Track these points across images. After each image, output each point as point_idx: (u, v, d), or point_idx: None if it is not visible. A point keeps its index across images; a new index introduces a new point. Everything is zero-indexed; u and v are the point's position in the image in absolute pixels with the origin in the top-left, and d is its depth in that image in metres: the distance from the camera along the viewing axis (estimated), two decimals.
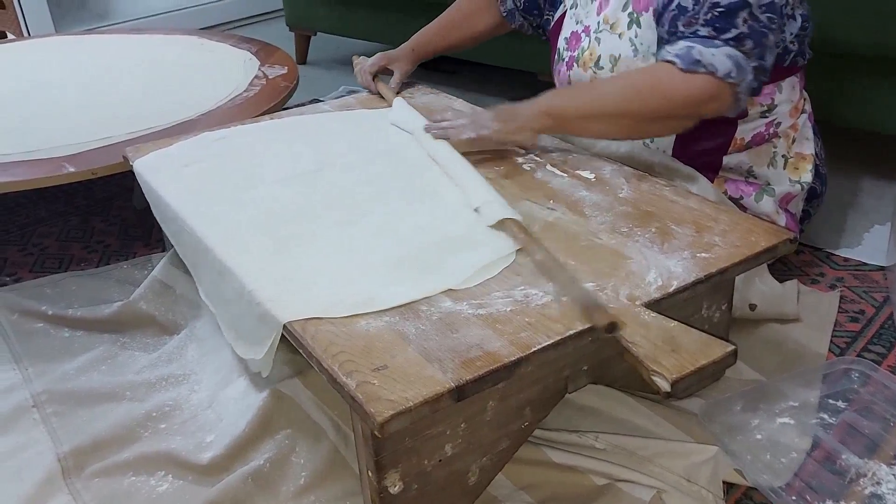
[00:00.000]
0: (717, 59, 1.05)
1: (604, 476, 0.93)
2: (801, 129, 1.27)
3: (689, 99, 1.07)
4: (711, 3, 1.07)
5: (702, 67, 1.05)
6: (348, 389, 0.75)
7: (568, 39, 1.32)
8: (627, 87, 1.12)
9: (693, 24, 1.08)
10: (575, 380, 0.93)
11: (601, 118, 1.14)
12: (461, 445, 0.84)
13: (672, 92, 1.07)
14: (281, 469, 0.97)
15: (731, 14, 1.06)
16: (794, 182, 1.24)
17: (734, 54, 1.06)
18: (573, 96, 1.18)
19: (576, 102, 1.15)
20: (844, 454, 0.95)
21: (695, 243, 0.97)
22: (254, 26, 3.18)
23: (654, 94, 1.09)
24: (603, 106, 1.13)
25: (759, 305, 1.16)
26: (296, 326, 0.85)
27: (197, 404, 1.10)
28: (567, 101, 1.16)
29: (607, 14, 1.23)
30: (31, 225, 1.66)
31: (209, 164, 1.24)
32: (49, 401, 1.11)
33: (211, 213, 1.09)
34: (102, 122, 1.58)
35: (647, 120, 1.12)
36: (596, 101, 1.14)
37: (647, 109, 1.11)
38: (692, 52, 1.06)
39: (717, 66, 1.05)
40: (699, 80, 1.06)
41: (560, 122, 1.15)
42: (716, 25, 1.07)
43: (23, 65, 2.04)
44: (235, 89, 1.72)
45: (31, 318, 1.30)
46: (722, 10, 1.06)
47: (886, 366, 1.13)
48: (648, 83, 1.10)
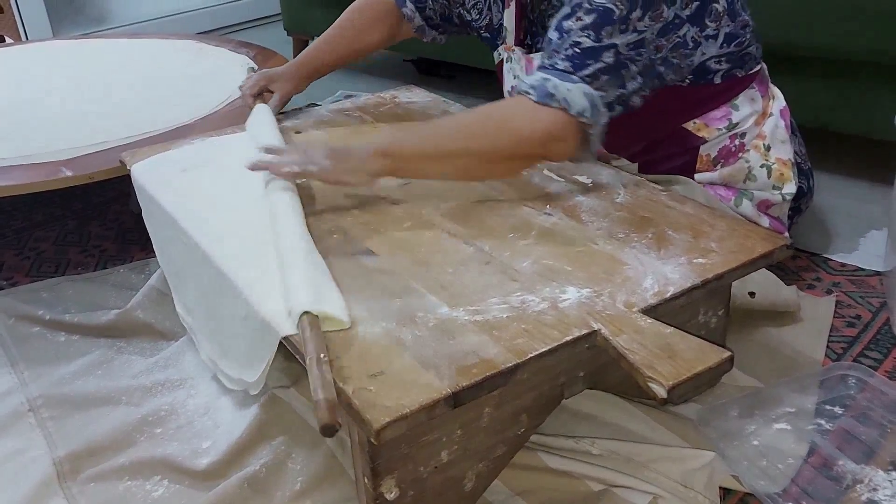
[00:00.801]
0: (573, 95, 1.00)
1: (600, 482, 0.93)
2: (772, 132, 1.22)
3: (535, 135, 1.02)
4: (573, 42, 1.02)
5: (555, 102, 1.00)
6: (344, 396, 0.75)
7: (510, 93, 1.30)
8: (472, 123, 1.06)
9: (553, 56, 1.04)
10: (571, 386, 0.93)
11: (441, 159, 1.05)
12: (457, 452, 0.84)
13: (519, 128, 1.02)
14: (277, 475, 0.97)
15: (592, 55, 1.02)
16: (776, 190, 1.23)
17: (590, 93, 1.01)
18: (412, 134, 1.11)
19: (413, 141, 1.07)
20: (841, 460, 0.95)
21: (691, 249, 0.97)
22: (252, 31, 3.18)
23: (500, 131, 1.03)
24: (443, 144, 1.05)
25: (758, 293, 1.16)
26: None
27: (193, 410, 1.10)
28: (404, 140, 1.08)
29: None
30: (28, 229, 1.65)
31: (208, 169, 1.23)
32: (45, 405, 1.11)
33: (207, 220, 1.08)
34: (100, 127, 1.58)
35: (490, 160, 1.05)
36: (437, 139, 1.06)
37: (490, 147, 1.04)
38: (547, 84, 1.01)
39: (571, 102, 1.00)
40: (550, 116, 1.01)
41: (398, 162, 1.04)
42: (574, 61, 1.02)
43: (21, 69, 2.04)
44: (233, 94, 1.71)
45: (28, 322, 1.30)
46: (584, 49, 1.02)
47: (883, 371, 1.13)
48: (495, 118, 1.04)
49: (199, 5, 3.12)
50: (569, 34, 1.03)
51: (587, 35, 1.02)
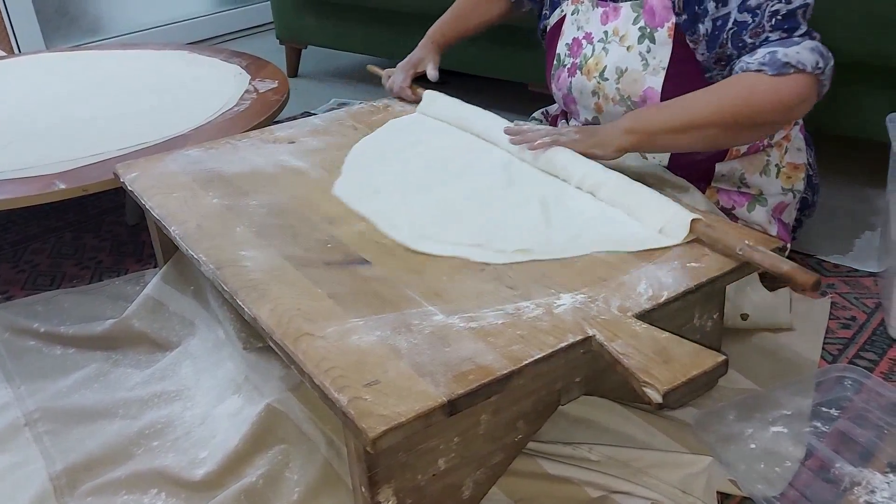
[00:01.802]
0: (803, 56, 1.05)
1: (598, 488, 0.93)
2: (794, 139, 1.27)
3: (782, 104, 1.07)
4: (771, 11, 1.08)
5: (791, 69, 1.05)
6: (340, 405, 0.75)
7: (570, 45, 1.32)
8: (719, 98, 1.09)
9: (761, 34, 1.09)
10: (568, 392, 0.93)
11: (690, 130, 1.10)
12: (455, 459, 0.84)
13: (765, 99, 1.06)
14: (274, 485, 0.97)
15: (793, 15, 1.08)
16: (786, 191, 1.25)
17: (814, 45, 1.06)
18: (658, 111, 1.14)
19: (662, 116, 1.12)
20: (838, 463, 0.95)
21: (685, 253, 0.97)
22: (244, 40, 3.18)
23: (748, 104, 1.07)
24: (692, 118, 1.10)
25: (751, 315, 1.17)
26: (287, 343, 0.84)
27: (190, 421, 1.09)
28: (652, 116, 1.12)
29: (616, 26, 1.23)
30: (23, 242, 1.65)
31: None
32: (41, 419, 1.11)
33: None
34: (93, 139, 1.58)
35: (739, 129, 1.11)
36: (685, 114, 1.10)
37: (740, 118, 1.09)
38: (776, 55, 1.06)
39: (805, 62, 1.05)
40: (791, 82, 1.05)
41: (645, 137, 1.11)
42: (784, 27, 1.08)
43: (13, 81, 2.03)
44: (226, 104, 1.72)
45: (23, 335, 1.29)
46: (784, 14, 1.08)
47: (879, 372, 1.13)
48: (740, 94, 1.08)
49: (191, 15, 3.12)
50: (760, 9, 1.09)
51: (778, 1, 1.08)
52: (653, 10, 1.19)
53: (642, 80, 1.21)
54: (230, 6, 3.22)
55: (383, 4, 2.22)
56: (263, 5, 3.13)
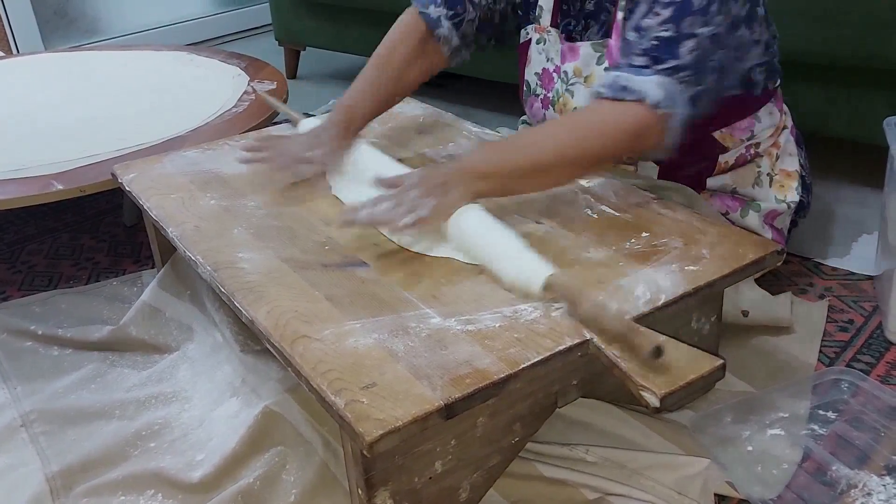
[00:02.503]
0: (647, 87, 0.99)
1: (595, 490, 0.93)
2: (784, 145, 1.26)
3: (622, 131, 1.01)
4: (653, 37, 1.01)
5: (629, 94, 0.99)
6: (337, 408, 0.75)
7: (540, 75, 1.28)
8: (562, 132, 1.04)
9: (629, 55, 1.03)
10: (565, 394, 0.93)
11: (537, 174, 1.03)
12: (451, 462, 0.84)
13: (605, 126, 1.01)
14: (271, 487, 0.96)
15: (673, 43, 1.00)
16: (780, 201, 1.24)
17: (666, 83, 0.99)
18: (506, 151, 1.06)
19: (511, 157, 1.03)
20: (835, 465, 0.95)
21: (683, 256, 0.97)
22: (243, 41, 3.18)
23: (589, 134, 1.02)
24: (538, 159, 1.02)
25: (751, 312, 1.17)
26: (284, 345, 0.84)
27: (188, 423, 1.09)
28: (501, 159, 1.04)
29: (578, 66, 1.20)
30: (20, 242, 1.65)
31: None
32: (38, 420, 1.11)
33: None
34: (91, 139, 1.58)
35: (583, 165, 1.04)
36: (533, 153, 1.02)
37: (582, 153, 1.02)
38: (618, 80, 1.01)
39: (646, 93, 0.99)
40: (629, 110, 0.99)
41: (497, 182, 1.02)
42: (653, 55, 1.01)
43: (11, 82, 2.03)
44: (224, 105, 1.72)
45: (20, 336, 1.29)
46: (665, 40, 1.01)
47: (876, 375, 1.13)
48: (582, 123, 1.04)
49: (190, 17, 3.12)
50: (647, 31, 1.02)
51: (666, 28, 1.01)
52: (613, 52, 1.16)
53: None
54: (229, 7, 3.22)
55: (382, 6, 2.21)
56: (262, 7, 3.13)
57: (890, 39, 1.42)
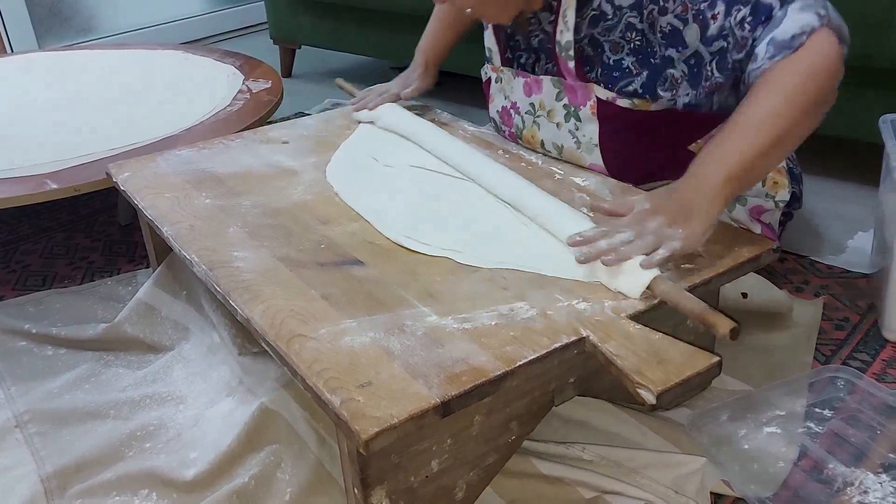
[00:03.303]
0: (801, 20, 0.93)
1: (592, 488, 0.93)
2: None
3: (829, 68, 0.94)
4: (738, 22, 0.99)
5: (802, 37, 0.93)
6: (333, 407, 0.75)
7: (500, 113, 1.32)
8: (773, 97, 0.94)
9: (745, 42, 0.99)
10: (562, 392, 0.93)
11: (777, 146, 0.93)
12: (448, 461, 0.84)
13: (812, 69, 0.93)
14: (266, 485, 0.96)
15: (759, 4, 0.98)
16: (769, 197, 1.23)
17: (800, 5, 0.95)
18: (739, 140, 0.93)
19: (748, 146, 0.92)
20: (831, 463, 0.95)
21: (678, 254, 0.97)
22: (238, 40, 3.18)
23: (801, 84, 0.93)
24: (772, 133, 0.92)
25: (751, 294, 1.17)
26: (280, 344, 0.84)
27: (182, 423, 1.09)
28: (740, 152, 0.92)
29: (542, 100, 1.22)
30: (14, 242, 1.64)
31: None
32: (32, 420, 1.10)
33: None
34: (85, 138, 1.57)
35: (811, 116, 0.95)
36: (764, 135, 0.92)
37: (810, 101, 0.93)
38: (776, 39, 0.94)
39: (807, 22, 0.93)
40: (814, 46, 0.93)
41: (744, 177, 0.93)
42: (761, 20, 0.97)
43: (5, 81, 2.03)
44: (219, 104, 1.72)
45: (14, 336, 1.29)
46: (752, 12, 0.99)
47: (871, 373, 1.13)
48: (785, 80, 0.94)
49: (185, 15, 3.11)
50: (726, 29, 1.00)
51: (736, 9, 0.99)
52: (573, 88, 1.16)
53: (581, 157, 1.20)
54: (224, 6, 3.22)
55: (377, 5, 2.21)
56: (257, 5, 3.13)
57: (884, 39, 1.42)
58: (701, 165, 0.95)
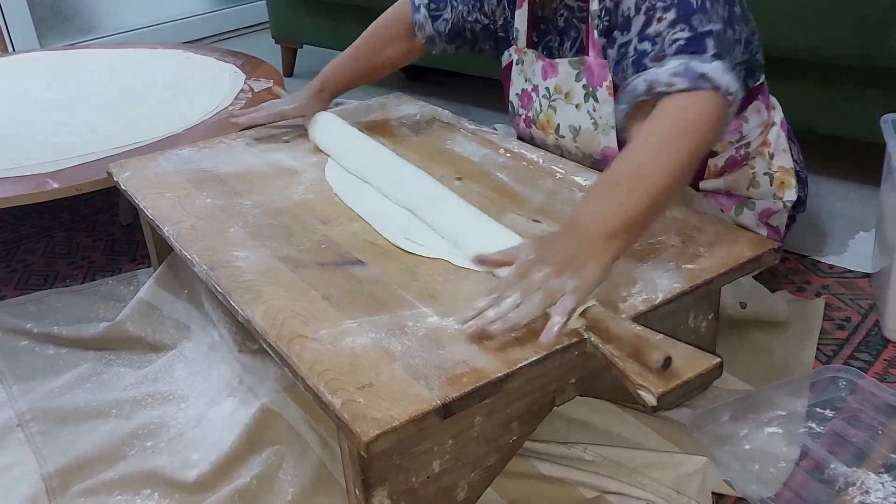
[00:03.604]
0: (717, 74, 0.94)
1: (593, 488, 0.93)
2: (776, 141, 1.23)
3: (709, 121, 0.94)
4: (672, 39, 0.98)
5: (706, 83, 0.93)
6: (334, 408, 0.75)
7: (519, 96, 1.31)
8: (657, 148, 0.91)
9: (663, 58, 0.98)
10: (563, 393, 0.93)
11: (660, 201, 0.91)
12: (449, 462, 0.84)
13: (694, 124, 0.93)
14: (268, 486, 0.96)
15: (699, 40, 0.97)
16: (777, 198, 1.24)
17: (724, 67, 0.95)
18: (618, 197, 0.90)
19: (628, 200, 0.89)
20: (833, 463, 0.95)
21: (680, 255, 0.97)
22: (239, 39, 3.17)
23: (683, 138, 0.92)
24: (655, 186, 0.90)
25: (749, 304, 1.16)
26: (280, 345, 0.84)
27: (184, 422, 1.09)
28: (620, 209, 0.89)
29: (558, 83, 1.21)
30: (15, 241, 1.64)
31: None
32: (34, 419, 1.10)
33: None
34: (87, 138, 1.57)
35: (690, 169, 0.93)
36: (646, 187, 0.89)
37: (688, 157, 0.92)
38: (690, 65, 0.94)
39: (719, 80, 0.93)
40: (710, 101, 0.93)
41: (628, 235, 0.89)
42: (689, 51, 0.97)
43: (6, 80, 2.03)
44: (221, 103, 1.72)
45: (16, 335, 1.29)
46: (688, 39, 0.97)
47: (873, 373, 1.13)
48: (670, 129, 0.93)
49: (186, 14, 3.11)
50: (660, 37, 0.99)
51: (680, 28, 0.97)
52: (591, 69, 1.16)
53: (597, 139, 1.19)
54: (225, 5, 3.21)
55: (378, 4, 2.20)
56: (259, 5, 3.12)
57: (885, 38, 1.42)
58: (581, 211, 0.91)
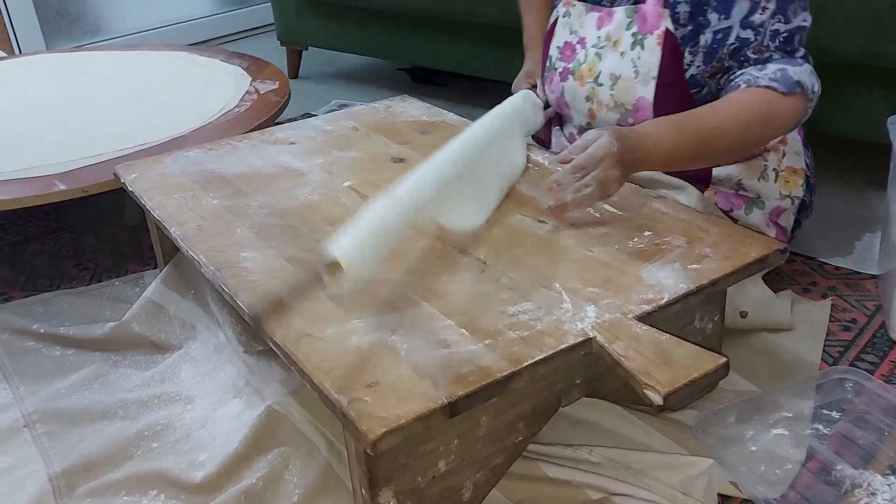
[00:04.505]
0: (807, 79, 1.09)
1: (599, 490, 0.93)
2: (791, 143, 1.27)
3: (789, 124, 1.11)
4: (773, 31, 1.11)
5: (799, 88, 1.08)
6: (340, 407, 0.75)
7: (561, 49, 1.31)
8: (733, 123, 1.08)
9: (765, 52, 1.11)
10: (568, 393, 0.93)
11: (703, 158, 1.12)
12: (455, 461, 0.84)
13: (780, 120, 1.10)
14: (274, 487, 0.96)
15: (792, 37, 1.12)
16: (784, 196, 1.24)
17: (812, 70, 1.10)
18: (686, 141, 1.07)
19: (687, 152, 1.08)
20: (839, 465, 0.95)
21: (686, 255, 0.97)
22: (245, 41, 3.18)
23: (764, 126, 1.10)
24: (711, 151, 1.10)
25: (750, 313, 1.16)
26: (287, 344, 0.84)
27: (190, 423, 1.09)
28: (678, 151, 1.07)
29: (610, 31, 1.22)
30: (22, 243, 1.65)
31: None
32: (40, 420, 1.11)
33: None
34: (93, 140, 1.58)
35: (747, 151, 1.16)
36: (709, 142, 1.08)
37: (755, 140, 1.13)
38: (787, 73, 1.08)
39: (808, 85, 1.08)
40: (799, 104, 1.09)
41: (661, 162, 1.07)
42: (786, 49, 1.11)
43: (13, 82, 2.03)
44: (227, 105, 1.72)
45: (23, 336, 1.29)
46: (785, 35, 1.11)
47: (880, 375, 1.13)
48: (758, 115, 1.08)
49: (192, 16, 3.12)
50: (763, 27, 1.11)
51: (779, 20, 1.11)
52: (645, 17, 1.18)
53: (634, 88, 1.19)
54: (230, 7, 3.22)
55: (384, 6, 2.21)
56: (264, 6, 3.13)
57: (892, 37, 1.42)
58: (653, 136, 1.05)
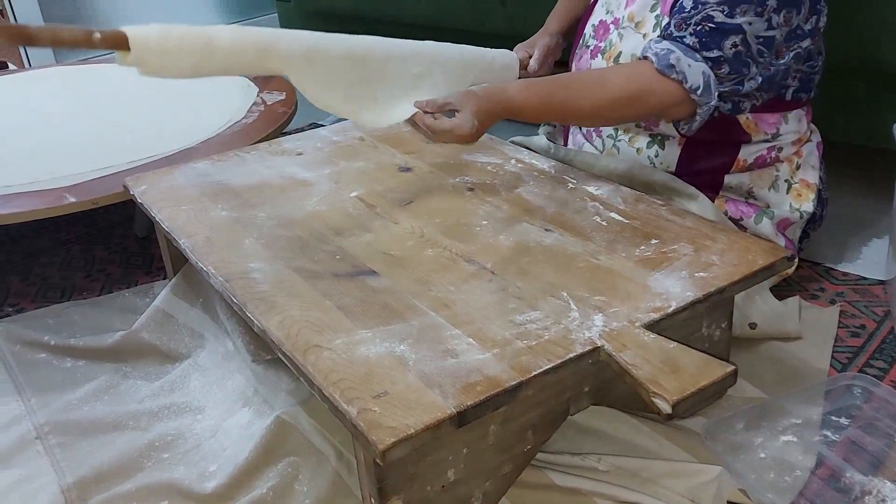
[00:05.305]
0: (691, 72, 1.06)
1: (608, 498, 0.93)
2: (807, 156, 1.27)
3: (656, 103, 1.09)
4: (706, 15, 1.07)
5: (674, 73, 1.06)
6: (349, 417, 0.75)
7: (596, 27, 1.31)
8: (600, 89, 1.11)
9: (682, 29, 1.09)
10: (576, 402, 0.93)
11: (562, 115, 1.18)
12: (464, 471, 0.84)
13: (642, 95, 1.09)
14: (284, 497, 0.97)
15: (721, 34, 1.06)
16: (794, 209, 1.24)
17: (707, 73, 1.07)
18: (549, 94, 1.12)
19: (551, 100, 1.12)
20: (849, 472, 0.95)
21: (693, 263, 0.97)
22: None
23: (625, 99, 1.10)
24: (571, 106, 1.12)
25: (759, 324, 1.16)
26: (296, 354, 0.85)
27: (200, 433, 1.10)
28: (542, 98, 1.11)
29: (633, 11, 1.23)
30: (33, 255, 1.66)
31: None
32: (52, 432, 1.11)
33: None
34: (103, 152, 1.59)
35: (611, 122, 1.20)
36: (571, 102, 1.12)
37: (614, 113, 1.13)
38: (670, 55, 1.07)
39: (689, 78, 1.06)
40: (669, 86, 1.07)
41: (522, 113, 1.11)
42: (702, 39, 1.07)
43: (23, 95, 2.05)
44: (234, 116, 1.73)
45: (34, 348, 1.30)
46: (713, 27, 1.07)
47: (888, 381, 1.13)
48: (625, 87, 1.09)
49: None
50: (703, 6, 1.07)
51: (721, 9, 1.06)
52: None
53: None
54: (237, 19, 3.24)
55: (391, 16, 2.22)
56: (271, 17, 3.14)
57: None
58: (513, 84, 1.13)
